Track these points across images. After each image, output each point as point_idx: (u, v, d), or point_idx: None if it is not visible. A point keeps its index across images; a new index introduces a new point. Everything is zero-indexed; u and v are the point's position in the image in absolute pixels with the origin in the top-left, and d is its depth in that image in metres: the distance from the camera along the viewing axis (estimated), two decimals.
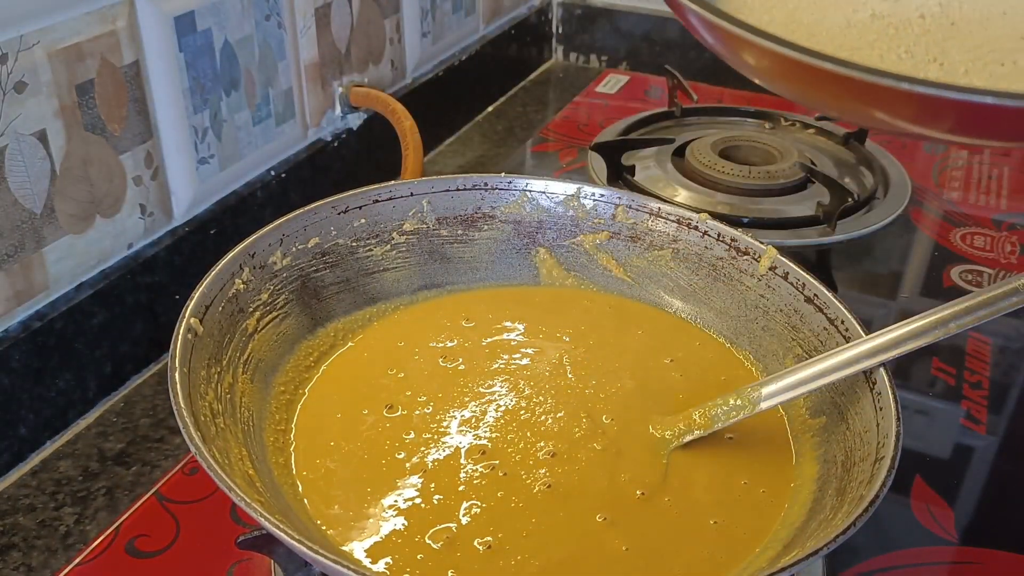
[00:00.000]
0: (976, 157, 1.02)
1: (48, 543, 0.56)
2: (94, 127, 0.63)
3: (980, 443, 0.64)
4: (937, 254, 0.84)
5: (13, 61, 0.56)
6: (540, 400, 0.55)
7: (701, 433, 0.52)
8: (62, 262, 0.63)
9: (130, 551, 0.53)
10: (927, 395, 0.68)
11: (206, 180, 0.74)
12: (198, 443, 0.42)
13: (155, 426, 0.65)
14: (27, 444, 0.62)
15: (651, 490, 0.50)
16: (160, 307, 0.70)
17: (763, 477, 0.51)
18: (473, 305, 0.63)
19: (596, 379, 0.57)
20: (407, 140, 0.83)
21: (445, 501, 0.49)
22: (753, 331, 0.59)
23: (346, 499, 0.49)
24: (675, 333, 0.62)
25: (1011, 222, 0.89)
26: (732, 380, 0.57)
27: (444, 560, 0.46)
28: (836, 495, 0.46)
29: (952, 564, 0.55)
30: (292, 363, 0.56)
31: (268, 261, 0.56)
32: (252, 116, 0.77)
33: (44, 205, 0.60)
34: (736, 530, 0.48)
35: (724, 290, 0.61)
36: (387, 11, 0.93)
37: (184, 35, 0.68)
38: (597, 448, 0.52)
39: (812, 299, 0.55)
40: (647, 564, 0.46)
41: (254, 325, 0.54)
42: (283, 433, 0.53)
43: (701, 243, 0.61)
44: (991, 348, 0.72)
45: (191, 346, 0.48)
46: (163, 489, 0.57)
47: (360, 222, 0.61)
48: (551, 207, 0.64)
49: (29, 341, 0.61)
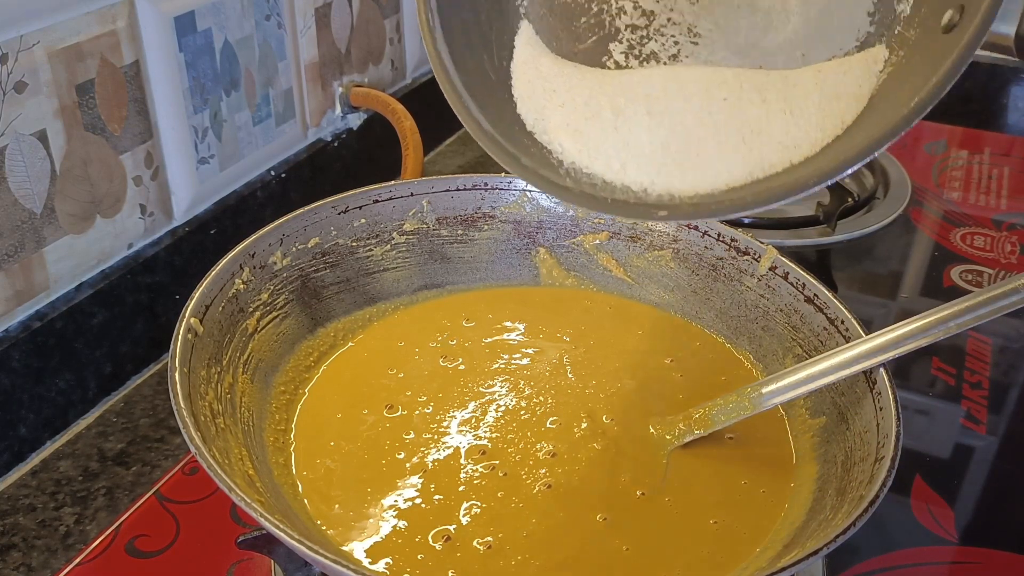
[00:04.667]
0: (976, 157, 1.02)
1: (48, 543, 0.56)
2: (94, 127, 0.63)
3: (980, 443, 0.64)
4: (937, 254, 0.84)
5: (13, 61, 0.56)
6: (540, 400, 0.55)
7: (701, 433, 0.52)
8: (62, 262, 0.63)
9: (130, 551, 0.53)
10: (927, 395, 0.68)
11: (206, 180, 0.74)
12: (198, 443, 0.42)
13: (155, 426, 0.65)
14: (27, 444, 0.62)
15: (651, 490, 0.50)
16: (160, 307, 0.70)
17: (763, 477, 0.51)
18: (473, 305, 0.63)
19: (596, 379, 0.57)
20: (407, 140, 0.83)
21: (445, 501, 0.49)
22: (753, 331, 0.59)
23: (346, 499, 0.49)
24: (675, 333, 0.62)
25: (1011, 222, 0.89)
26: (732, 380, 0.57)
27: (444, 560, 0.46)
28: (836, 495, 0.46)
29: (952, 564, 0.55)
30: (292, 363, 0.56)
31: (268, 261, 0.56)
32: (252, 116, 0.77)
33: (44, 205, 0.60)
34: (736, 530, 0.48)
35: (724, 290, 0.61)
36: (387, 11, 0.93)
37: (184, 35, 0.68)
38: (597, 448, 0.52)
39: (812, 299, 0.55)
40: (647, 564, 0.46)
41: (254, 325, 0.54)
42: (283, 433, 0.53)
43: (701, 243, 0.61)
44: (991, 348, 0.72)
45: (191, 346, 0.48)
46: (163, 489, 0.57)
47: (360, 222, 0.61)
48: (551, 207, 0.64)
49: (29, 341, 0.61)
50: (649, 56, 0.47)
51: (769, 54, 0.45)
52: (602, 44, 0.47)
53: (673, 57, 0.46)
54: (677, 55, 0.46)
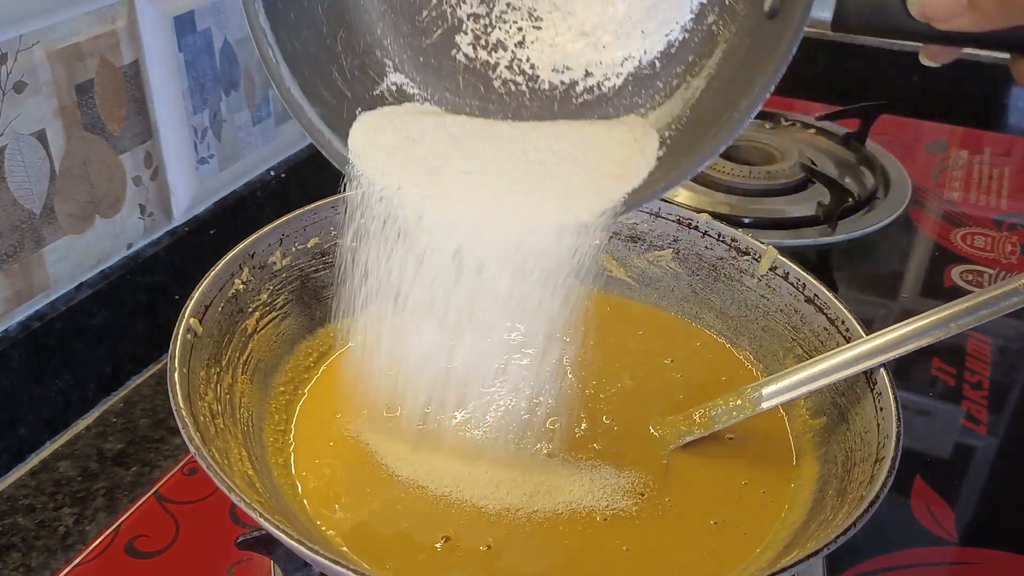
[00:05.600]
0: (976, 157, 1.02)
1: (48, 543, 0.56)
2: (94, 127, 0.63)
3: (980, 443, 0.64)
4: (937, 254, 0.84)
5: (13, 61, 0.56)
6: (540, 400, 0.55)
7: (701, 433, 0.52)
8: (62, 262, 0.63)
9: (130, 551, 0.53)
10: (927, 395, 0.68)
11: (206, 180, 0.74)
12: (198, 443, 0.42)
13: (155, 426, 0.65)
14: (27, 444, 0.62)
15: (651, 490, 0.50)
16: (160, 307, 0.70)
17: (763, 477, 0.51)
18: None
19: (596, 379, 0.57)
20: None
21: (445, 501, 0.48)
22: (753, 331, 0.59)
23: (346, 499, 0.49)
24: (675, 333, 0.62)
25: (1011, 222, 0.89)
26: (732, 380, 0.57)
27: (444, 560, 0.46)
28: (836, 495, 0.46)
29: (952, 564, 0.55)
30: (292, 363, 0.56)
31: (268, 261, 0.56)
32: (252, 116, 0.77)
33: (44, 205, 0.60)
34: (736, 530, 0.48)
35: (724, 290, 0.61)
36: None
37: (184, 35, 0.68)
38: (597, 448, 0.52)
39: (812, 299, 0.55)
40: (647, 564, 0.46)
41: (254, 325, 0.54)
42: (283, 433, 0.52)
43: (701, 243, 0.61)
44: (991, 348, 0.72)
45: (191, 346, 0.48)
46: (163, 489, 0.57)
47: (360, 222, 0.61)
48: None
49: (29, 341, 0.61)
50: (496, 45, 0.48)
51: (608, 32, 0.46)
52: (448, 37, 0.49)
53: (519, 44, 0.48)
54: (523, 41, 0.48)
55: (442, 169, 0.45)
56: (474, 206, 0.44)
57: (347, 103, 0.48)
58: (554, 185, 0.44)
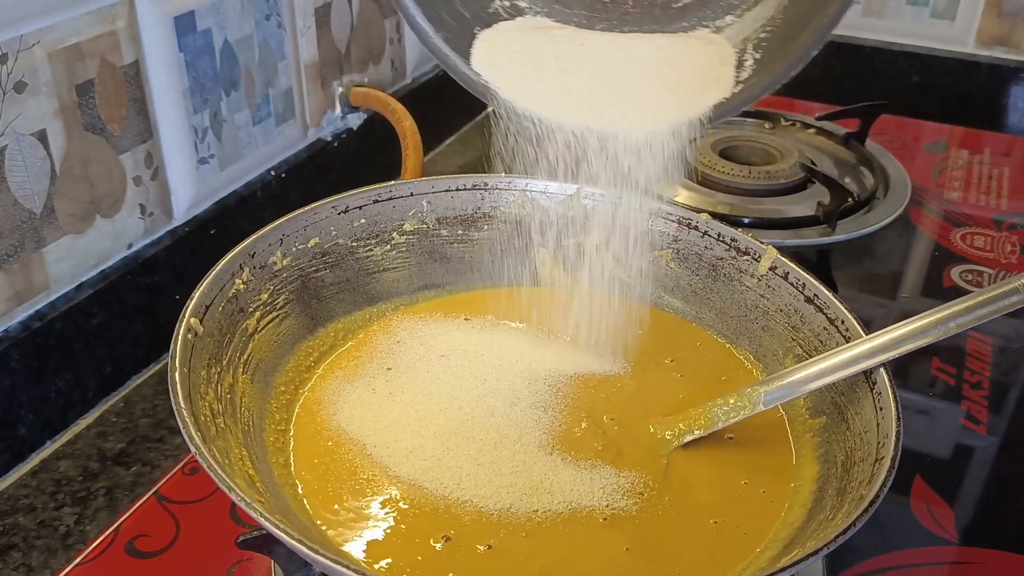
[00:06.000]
0: (976, 157, 1.02)
1: (48, 543, 0.56)
2: (94, 127, 0.63)
3: (980, 443, 0.64)
4: (937, 254, 0.84)
5: (13, 61, 0.56)
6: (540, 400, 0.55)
7: (701, 433, 0.52)
8: (62, 262, 0.63)
9: (130, 551, 0.53)
10: (927, 395, 0.68)
11: (206, 180, 0.74)
12: (198, 443, 0.42)
13: (155, 426, 0.65)
14: (27, 444, 0.62)
15: (651, 490, 0.50)
16: (160, 307, 0.70)
17: (763, 477, 0.51)
18: (473, 305, 0.63)
19: (596, 379, 0.57)
20: (407, 140, 0.83)
21: (445, 501, 0.49)
22: (753, 331, 0.59)
23: (346, 499, 0.49)
24: (675, 333, 0.62)
25: (1011, 222, 0.89)
26: (732, 380, 0.57)
27: (444, 560, 0.46)
28: (836, 495, 0.46)
29: (952, 564, 0.55)
30: (292, 363, 0.56)
31: (268, 261, 0.56)
32: (252, 116, 0.77)
33: (44, 205, 0.60)
34: (736, 530, 0.48)
35: (724, 290, 0.61)
36: (387, 11, 0.93)
37: (184, 35, 0.68)
38: (597, 448, 0.52)
39: (812, 299, 0.55)
40: (647, 564, 0.46)
41: (254, 325, 0.54)
42: (283, 433, 0.53)
43: (701, 243, 0.61)
44: (991, 348, 0.72)
45: (191, 346, 0.48)
46: (163, 489, 0.57)
47: (360, 222, 0.61)
48: (551, 207, 0.64)
49: (29, 341, 0.61)
50: None
51: None
52: None
53: None
54: None
55: (558, 75, 0.52)
56: (592, 106, 0.51)
57: (466, 23, 0.50)
58: (659, 88, 0.52)
